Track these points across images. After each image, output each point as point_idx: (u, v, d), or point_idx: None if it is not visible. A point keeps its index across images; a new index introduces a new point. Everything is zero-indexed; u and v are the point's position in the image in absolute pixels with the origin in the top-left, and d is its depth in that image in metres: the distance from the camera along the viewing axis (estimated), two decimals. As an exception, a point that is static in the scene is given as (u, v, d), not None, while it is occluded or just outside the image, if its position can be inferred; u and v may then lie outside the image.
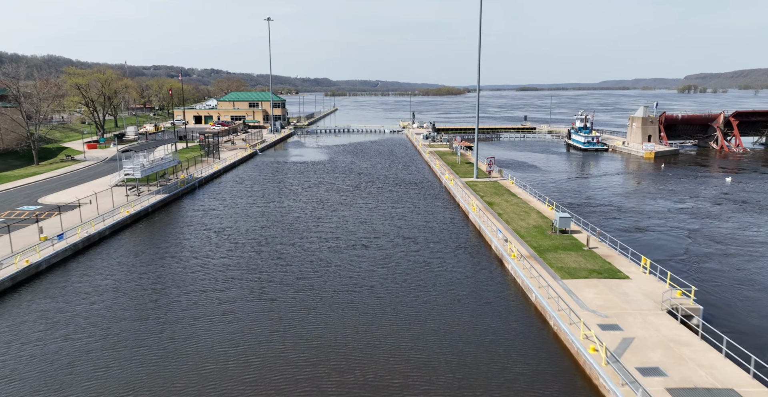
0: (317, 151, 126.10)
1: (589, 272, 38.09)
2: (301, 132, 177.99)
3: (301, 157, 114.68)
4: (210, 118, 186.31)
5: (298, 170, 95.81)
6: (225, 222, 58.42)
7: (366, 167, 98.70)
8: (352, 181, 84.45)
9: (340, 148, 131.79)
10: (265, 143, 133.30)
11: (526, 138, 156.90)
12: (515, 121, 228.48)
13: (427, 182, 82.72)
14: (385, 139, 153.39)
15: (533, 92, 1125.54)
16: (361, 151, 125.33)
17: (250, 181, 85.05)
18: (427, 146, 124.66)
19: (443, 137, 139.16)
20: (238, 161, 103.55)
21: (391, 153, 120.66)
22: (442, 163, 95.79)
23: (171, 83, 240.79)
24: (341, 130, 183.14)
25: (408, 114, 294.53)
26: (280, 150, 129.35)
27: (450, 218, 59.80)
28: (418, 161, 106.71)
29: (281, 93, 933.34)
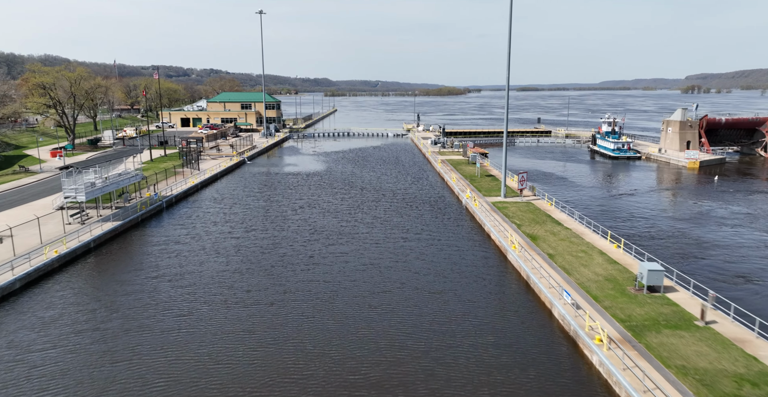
0: (314, 159, 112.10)
1: (737, 379, 24.03)
2: (298, 136, 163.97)
3: (296, 166, 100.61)
4: (199, 120, 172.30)
5: (290, 184, 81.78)
6: (186, 263, 44.37)
7: (369, 180, 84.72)
8: (353, 198, 70.45)
9: (339, 155, 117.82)
10: (256, 150, 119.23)
11: (541, 143, 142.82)
12: (527, 123, 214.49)
13: (444, 201, 68.71)
14: (388, 145, 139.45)
15: (534, 92, 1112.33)
16: (362, 158, 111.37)
17: (231, 198, 71.00)
18: (437, 154, 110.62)
19: (454, 142, 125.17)
20: (222, 173, 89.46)
21: (397, 161, 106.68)
22: (458, 175, 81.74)
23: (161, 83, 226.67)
24: (341, 133, 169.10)
25: (411, 115, 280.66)
26: (272, 157, 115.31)
27: (482, 256, 45.80)
28: (429, 172, 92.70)
29: (280, 93, 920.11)
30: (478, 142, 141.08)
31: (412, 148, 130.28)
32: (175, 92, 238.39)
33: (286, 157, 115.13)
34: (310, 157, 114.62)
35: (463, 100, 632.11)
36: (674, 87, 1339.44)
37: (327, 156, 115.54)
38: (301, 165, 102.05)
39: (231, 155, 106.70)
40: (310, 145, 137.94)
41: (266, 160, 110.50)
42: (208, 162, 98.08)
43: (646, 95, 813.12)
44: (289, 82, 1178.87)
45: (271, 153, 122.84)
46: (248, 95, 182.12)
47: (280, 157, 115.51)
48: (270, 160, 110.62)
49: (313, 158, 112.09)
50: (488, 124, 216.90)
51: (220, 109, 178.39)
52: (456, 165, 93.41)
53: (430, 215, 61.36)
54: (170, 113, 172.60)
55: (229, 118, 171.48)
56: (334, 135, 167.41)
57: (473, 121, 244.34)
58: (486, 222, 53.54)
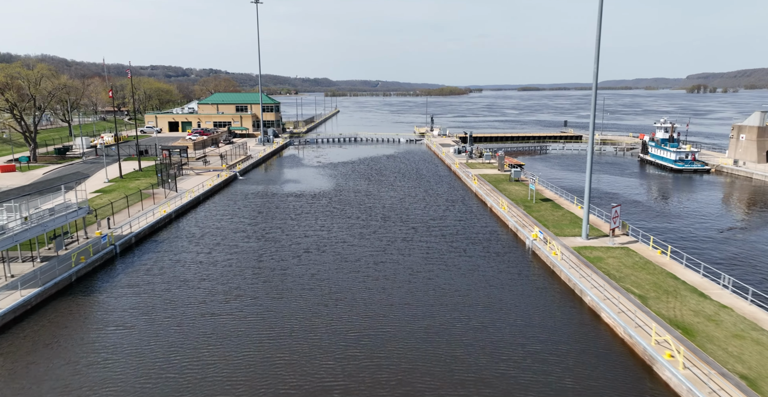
0: (319, 172, 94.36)
1: None
2: (299, 142, 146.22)
3: (297, 184, 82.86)
4: (188, 124, 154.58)
5: (292, 210, 64.13)
6: (122, 380, 26.66)
7: (390, 203, 67.09)
8: (375, 234, 52.86)
9: (348, 167, 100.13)
10: (251, 161, 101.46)
11: (573, 150, 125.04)
12: (551, 126, 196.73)
13: (498, 240, 51.09)
14: (402, 153, 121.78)
15: (536, 92, 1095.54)
16: (377, 171, 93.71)
17: (214, 235, 53.34)
18: (465, 166, 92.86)
19: (482, 152, 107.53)
20: (206, 194, 71.74)
21: (419, 176, 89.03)
22: (507, 200, 63.91)
23: (150, 83, 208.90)
24: (347, 139, 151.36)
25: (419, 117, 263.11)
26: (270, 170, 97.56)
27: (608, 370, 28.09)
28: (461, 191, 75.02)
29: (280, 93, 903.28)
30: (508, 149, 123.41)
31: (431, 158, 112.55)
32: (167, 93, 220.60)
33: (287, 170, 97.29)
34: (315, 169, 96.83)
35: (468, 100, 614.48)
36: (676, 86, 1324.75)
37: (334, 168, 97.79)
38: (305, 181, 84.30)
39: (220, 169, 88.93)
40: (313, 154, 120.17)
41: (263, 174, 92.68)
42: (190, 179, 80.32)
43: (652, 95, 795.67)
44: (289, 82, 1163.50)
45: (269, 164, 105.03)
46: (244, 96, 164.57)
47: (279, 169, 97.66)
48: (267, 174, 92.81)
49: (317, 171, 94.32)
50: (508, 127, 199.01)
51: (212, 111, 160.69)
52: (495, 183, 75.68)
53: (485, 263, 43.74)
54: (156, 117, 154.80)
55: (222, 121, 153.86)
56: (339, 141, 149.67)
57: (489, 123, 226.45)
58: (583, 287, 35.85)
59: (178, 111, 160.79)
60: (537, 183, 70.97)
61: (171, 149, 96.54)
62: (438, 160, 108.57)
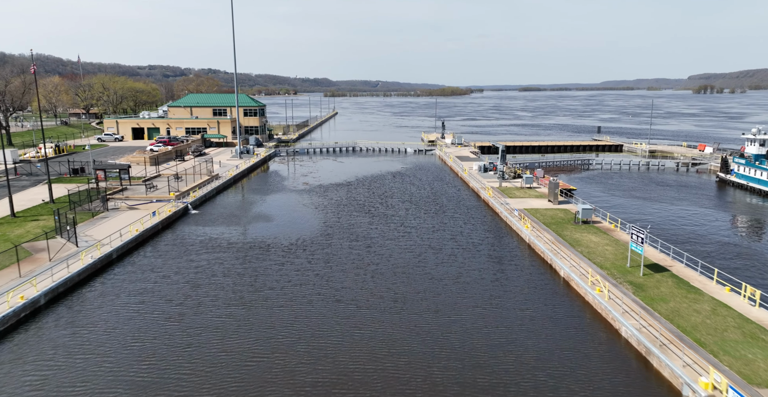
0: (303, 201, 70.33)
1: None
2: (287, 153, 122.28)
3: (269, 223, 58.74)
4: (156, 131, 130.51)
5: (247, 283, 40.06)
6: None
7: (404, 264, 43.09)
8: (387, 354, 28.73)
9: (343, 190, 76.10)
10: (216, 183, 77.38)
11: (624, 165, 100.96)
12: (581, 132, 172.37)
13: (634, 383, 27.00)
14: (411, 168, 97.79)
15: (537, 93, 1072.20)
16: (380, 199, 69.73)
17: (85, 356, 29.21)
18: (499, 193, 68.70)
19: (516, 170, 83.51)
20: (123, 249, 47.56)
21: (438, 206, 65.02)
22: (600, 273, 39.60)
23: (122, 82, 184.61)
24: (344, 149, 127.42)
25: (425, 120, 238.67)
26: (239, 198, 73.49)
27: None
28: (508, 239, 50.97)
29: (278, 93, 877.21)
30: (541, 165, 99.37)
31: (448, 176, 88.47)
32: (142, 93, 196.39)
33: (261, 197, 73.11)
34: (298, 196, 72.69)
35: (471, 101, 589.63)
36: (677, 87, 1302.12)
37: (324, 194, 73.67)
38: (280, 218, 60.15)
39: (166, 199, 64.74)
40: (301, 171, 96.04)
41: (226, 204, 68.52)
42: (115, 218, 56.17)
43: (658, 95, 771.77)
44: (289, 82, 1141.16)
45: (241, 187, 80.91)
46: (222, 98, 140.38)
47: (250, 197, 73.50)
48: (233, 204, 68.63)
49: (301, 200, 70.17)
50: (529, 132, 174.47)
51: (185, 115, 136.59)
52: (556, 227, 51.52)
53: None
54: (117, 122, 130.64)
55: (196, 127, 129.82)
56: (335, 151, 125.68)
57: (506, 128, 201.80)
58: None
59: (145, 115, 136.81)
60: (634, 237, 46.85)
61: (107, 169, 72.82)
62: (458, 181, 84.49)
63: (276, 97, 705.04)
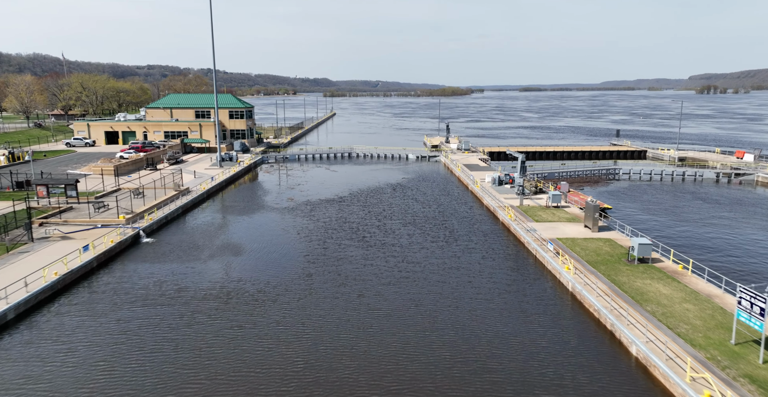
0: (284, 224, 58.33)
1: None
2: (275, 159, 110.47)
3: (237, 255, 46.66)
4: (132, 134, 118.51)
5: (190, 362, 27.98)
6: None
7: (412, 327, 31.06)
8: None
9: (334, 208, 64.07)
10: (184, 200, 65.33)
11: (656, 174, 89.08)
12: (597, 136, 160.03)
13: None
14: (413, 179, 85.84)
15: (540, 93, 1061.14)
16: (378, 219, 57.73)
17: None
18: (521, 215, 56.64)
19: (537, 184, 71.57)
20: (22, 309, 35.51)
21: (447, 231, 53.03)
22: (719, 381, 27.43)
23: (102, 82, 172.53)
24: (339, 155, 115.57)
25: (427, 122, 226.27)
26: (207, 220, 61.45)
27: None
28: (544, 285, 39.01)
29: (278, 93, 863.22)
30: (562, 175, 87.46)
31: (456, 189, 76.46)
32: (126, 93, 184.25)
33: (233, 220, 61.03)
34: (279, 218, 60.61)
35: (473, 101, 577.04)
36: (678, 87, 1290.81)
37: (311, 215, 61.61)
38: (252, 250, 48.07)
39: (114, 224, 52.69)
40: (288, 182, 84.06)
41: (190, 229, 56.45)
42: (40, 252, 44.08)
43: (661, 96, 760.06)
44: (289, 83, 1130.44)
45: (213, 205, 68.83)
46: (206, 98, 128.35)
47: (221, 218, 61.39)
48: (197, 229, 56.54)
49: (282, 223, 58.11)
50: (541, 135, 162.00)
51: (164, 117, 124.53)
52: (605, 268, 39.46)
53: None
54: (89, 125, 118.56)
55: (176, 131, 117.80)
56: (329, 157, 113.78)
57: (514, 131, 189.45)
58: None
59: (121, 118, 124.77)
60: (743, 302, 34.77)
61: (50, 184, 60.91)
62: (469, 196, 72.50)
63: (274, 98, 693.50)
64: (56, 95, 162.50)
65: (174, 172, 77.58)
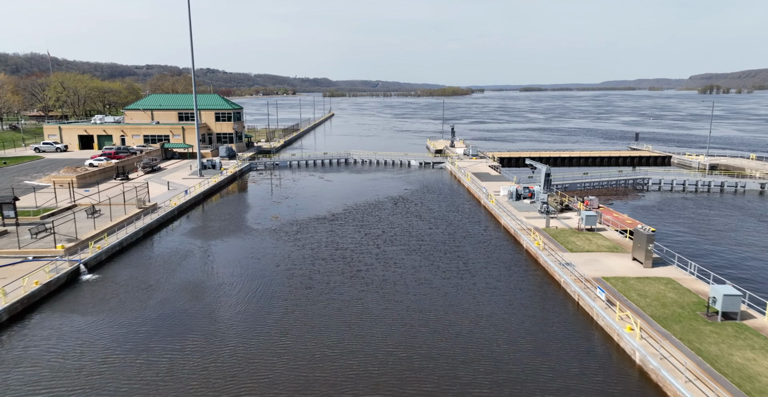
0: (266, 249, 48.27)
1: None
2: (265, 166, 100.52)
3: (197, 299, 36.57)
4: (108, 138, 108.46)
5: None
6: None
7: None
8: None
9: (325, 230, 53.92)
10: (148, 220, 55.24)
11: (690, 185, 79.13)
12: (613, 139, 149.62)
13: None
14: (417, 190, 75.73)
15: (540, 93, 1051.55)
16: (377, 244, 47.66)
17: None
18: (551, 242, 46.55)
19: (564, 201, 61.53)
20: None
21: (463, 264, 42.94)
22: None
23: (84, 81, 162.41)
24: (334, 161, 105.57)
25: (429, 124, 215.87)
26: (171, 244, 51.38)
27: None
28: (598, 348, 28.92)
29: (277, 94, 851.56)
30: (584, 186, 77.41)
31: (466, 204, 66.35)
32: (112, 93, 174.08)
33: (203, 245, 50.92)
34: (258, 244, 50.47)
35: (474, 101, 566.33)
36: (679, 87, 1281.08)
37: (296, 238, 51.50)
38: (215, 293, 37.93)
39: (50, 255, 42.58)
40: (274, 196, 73.93)
41: (146, 259, 46.34)
42: (-65, 300, 33.95)
43: (664, 96, 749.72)
44: (288, 82, 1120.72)
45: (181, 227, 58.73)
46: (191, 99, 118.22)
47: (188, 245, 51.22)
48: (155, 260, 46.42)
49: (261, 250, 47.99)
50: (553, 138, 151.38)
51: (144, 120, 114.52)
52: (680, 328, 29.42)
53: None
54: (60, 128, 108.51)
55: (157, 135, 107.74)
56: (323, 163, 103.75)
57: (522, 133, 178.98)
58: None
59: (97, 121, 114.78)
60: None
61: (-17, 203, 50.86)
62: (481, 212, 62.43)
63: (273, 98, 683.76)
64: (35, 95, 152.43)
65: (140, 185, 67.47)
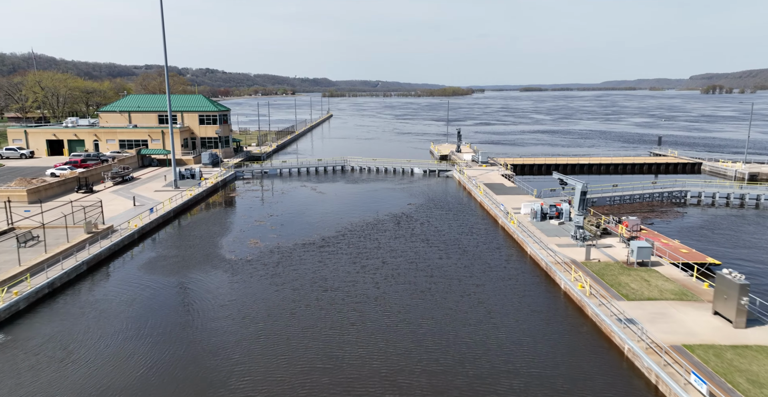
0: (235, 290, 38.26)
1: None
2: (252, 174, 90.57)
3: (128, 386, 26.49)
4: (80, 143, 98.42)
5: None
6: None
7: None
8: None
9: (312, 260, 43.81)
10: (97, 248, 45.16)
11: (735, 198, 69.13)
12: (633, 143, 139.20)
13: None
14: (423, 204, 65.59)
15: (541, 93, 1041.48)
16: (375, 281, 37.60)
17: None
18: (600, 285, 36.45)
19: (601, 225, 51.48)
20: None
21: (485, 311, 32.83)
22: None
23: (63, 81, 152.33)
24: (330, 169, 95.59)
25: (431, 125, 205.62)
26: (117, 284, 41.30)
27: None
28: None
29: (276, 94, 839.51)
30: (614, 200, 67.26)
31: (480, 223, 56.29)
32: (96, 93, 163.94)
33: (157, 285, 40.82)
34: (226, 283, 40.35)
35: (475, 101, 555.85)
36: (679, 87, 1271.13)
37: (275, 273, 41.39)
38: (155, 375, 27.88)
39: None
40: (257, 213, 63.73)
41: (80, 308, 36.27)
42: None
43: (667, 96, 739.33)
44: (288, 83, 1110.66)
45: (138, 255, 48.65)
46: (174, 99, 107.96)
47: (140, 284, 41.14)
48: (90, 309, 36.34)
49: (229, 293, 37.88)
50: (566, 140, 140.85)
51: (121, 123, 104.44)
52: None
53: None
54: (26, 132, 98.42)
55: (136, 139, 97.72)
56: (317, 171, 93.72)
57: (530, 135, 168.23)
58: None
59: (70, 124, 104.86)
60: None
61: None
62: (499, 235, 52.41)
63: (272, 98, 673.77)
64: (11, 96, 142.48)
65: (92, 204, 57.43)
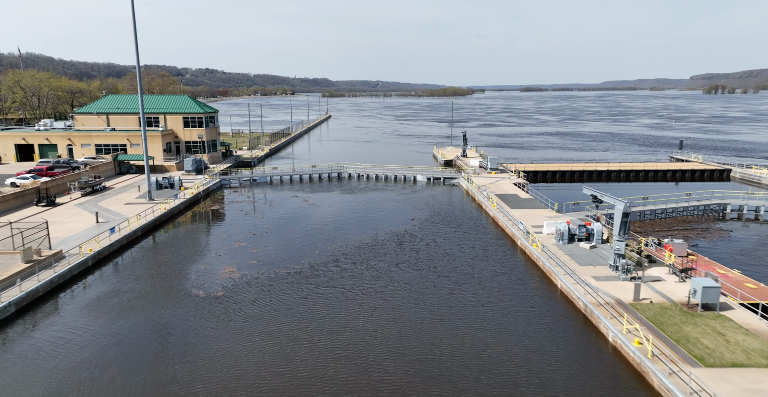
0: (199, 339, 30.31)
1: None
2: (239, 183, 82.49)
3: None
4: (52, 148, 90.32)
5: None
6: None
7: None
8: None
9: (298, 292, 35.73)
10: (33, 283, 37.00)
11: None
12: (649, 146, 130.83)
13: None
14: (428, 219, 57.41)
15: (541, 93, 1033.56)
16: (376, 325, 29.46)
17: None
18: (661, 341, 28.33)
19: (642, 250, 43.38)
20: None
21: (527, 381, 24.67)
22: None
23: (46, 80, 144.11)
24: (326, 176, 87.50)
25: (434, 127, 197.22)
26: (50, 329, 33.17)
27: None
28: None
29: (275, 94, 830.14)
30: (645, 215, 59.14)
31: (494, 244, 48.19)
32: (82, 94, 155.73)
33: (101, 331, 32.63)
34: (189, 328, 32.18)
35: (476, 102, 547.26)
36: (680, 87, 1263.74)
37: (250, 317, 33.26)
38: None
39: None
40: (239, 231, 55.52)
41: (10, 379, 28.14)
42: None
43: (669, 96, 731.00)
44: (288, 83, 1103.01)
45: (87, 290, 40.49)
46: (156, 101, 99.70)
47: (79, 328, 32.99)
48: (5, 369, 28.20)
49: (188, 344, 29.72)
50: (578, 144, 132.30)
51: (99, 125, 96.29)
52: None
53: None
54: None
55: (114, 144, 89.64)
56: (310, 179, 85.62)
57: (538, 138, 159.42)
58: None
59: (41, 126, 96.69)
60: None
61: None
62: (518, 259, 44.34)
63: (272, 98, 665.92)
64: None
65: (36, 225, 49.34)
